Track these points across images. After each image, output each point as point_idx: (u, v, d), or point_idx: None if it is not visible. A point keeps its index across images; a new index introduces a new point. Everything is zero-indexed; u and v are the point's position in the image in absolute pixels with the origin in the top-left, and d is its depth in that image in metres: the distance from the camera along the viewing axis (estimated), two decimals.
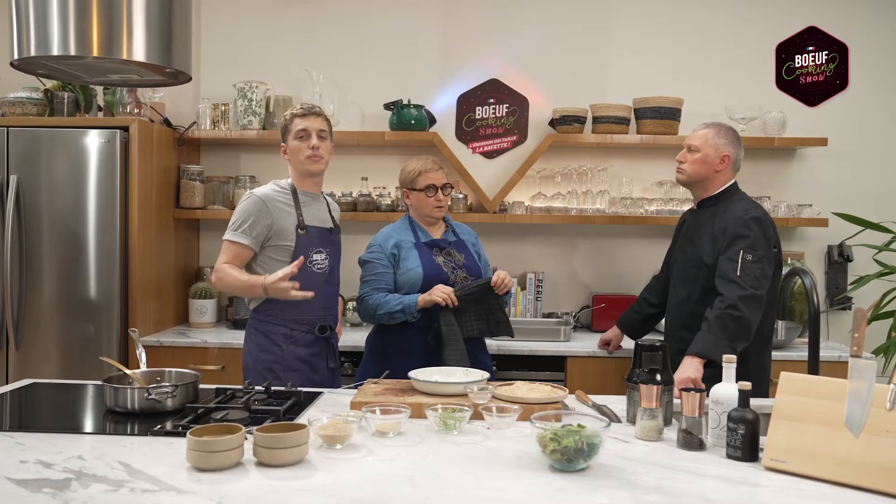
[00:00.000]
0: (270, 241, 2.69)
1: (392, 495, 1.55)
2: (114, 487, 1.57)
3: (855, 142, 4.08)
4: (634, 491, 1.60)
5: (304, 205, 2.77)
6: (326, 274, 2.77)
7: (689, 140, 2.87)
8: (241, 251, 2.69)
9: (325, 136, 2.77)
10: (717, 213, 2.80)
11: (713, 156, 2.81)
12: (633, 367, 2.16)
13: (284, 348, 2.71)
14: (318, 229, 2.77)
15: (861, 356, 1.74)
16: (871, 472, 1.62)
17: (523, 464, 1.77)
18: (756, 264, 2.63)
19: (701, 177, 2.83)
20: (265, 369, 2.69)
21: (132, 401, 2.15)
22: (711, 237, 2.77)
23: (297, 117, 2.74)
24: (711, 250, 2.75)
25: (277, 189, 2.76)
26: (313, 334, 2.74)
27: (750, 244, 2.65)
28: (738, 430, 1.82)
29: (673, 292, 2.93)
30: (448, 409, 2.06)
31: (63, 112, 3.65)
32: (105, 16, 2.04)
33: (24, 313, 3.49)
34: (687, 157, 2.84)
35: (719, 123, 2.89)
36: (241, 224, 2.68)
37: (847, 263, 4.09)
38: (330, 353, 2.80)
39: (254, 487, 1.59)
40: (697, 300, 2.77)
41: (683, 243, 2.93)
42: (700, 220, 2.87)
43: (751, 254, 2.63)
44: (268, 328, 2.72)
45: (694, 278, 2.81)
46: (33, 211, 3.48)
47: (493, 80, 4.14)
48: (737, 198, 2.83)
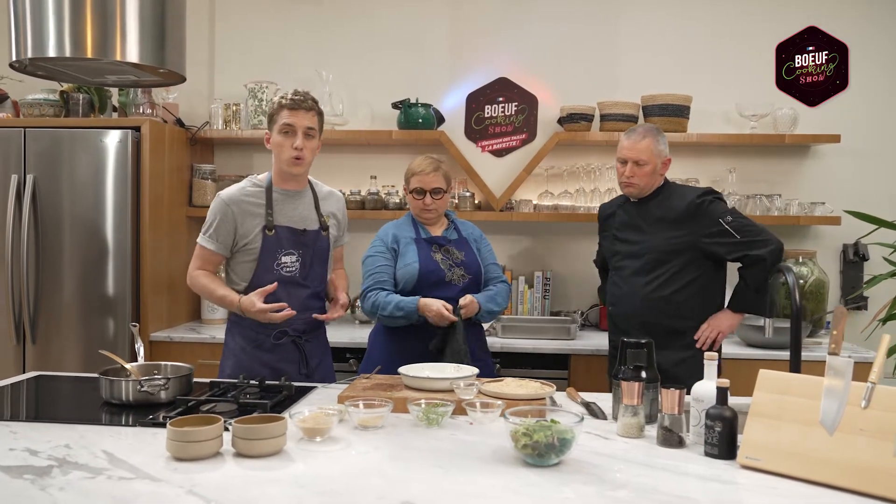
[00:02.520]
0: (237, 244, 2.60)
1: (359, 487, 1.58)
2: (92, 475, 1.62)
3: (869, 139, 4.01)
4: (603, 486, 1.61)
5: (277, 203, 2.62)
6: (297, 277, 2.63)
7: (629, 154, 2.91)
8: (211, 256, 2.62)
9: (313, 135, 2.59)
10: (662, 201, 2.95)
11: (658, 164, 2.93)
12: (618, 364, 2.16)
13: (249, 353, 2.63)
14: (288, 230, 2.61)
15: (839, 354, 1.72)
16: (845, 470, 1.61)
17: (498, 459, 1.78)
18: (739, 220, 2.86)
19: (651, 185, 2.96)
20: (230, 374, 2.62)
21: (126, 392, 2.21)
22: (663, 224, 2.91)
23: (284, 108, 2.54)
24: (665, 236, 2.90)
25: (250, 187, 2.64)
26: (282, 340, 2.63)
27: (721, 212, 2.87)
28: (714, 428, 1.81)
29: (623, 283, 3.00)
30: (431, 403, 2.07)
31: (78, 113, 3.75)
32: (99, 18, 2.11)
33: (40, 308, 3.59)
34: (636, 172, 2.91)
35: (649, 128, 2.97)
36: (207, 228, 2.61)
37: (863, 262, 4.02)
38: (302, 359, 2.67)
39: (227, 477, 1.63)
40: (658, 286, 2.90)
41: (625, 234, 3.02)
42: (642, 210, 2.99)
43: (729, 216, 2.86)
44: (236, 331, 2.68)
45: (650, 265, 2.92)
46: (49, 209, 3.58)
47: (502, 79, 4.15)
48: (675, 186, 3.03)
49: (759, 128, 3.90)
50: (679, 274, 2.89)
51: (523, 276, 4.09)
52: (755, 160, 4.06)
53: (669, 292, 2.89)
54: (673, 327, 2.89)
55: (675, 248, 2.89)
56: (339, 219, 2.82)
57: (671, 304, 2.89)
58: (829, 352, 1.73)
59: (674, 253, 2.89)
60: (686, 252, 2.88)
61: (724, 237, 2.84)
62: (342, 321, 4.08)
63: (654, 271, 2.92)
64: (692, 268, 2.89)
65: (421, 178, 2.88)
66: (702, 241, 2.87)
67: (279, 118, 2.57)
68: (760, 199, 3.89)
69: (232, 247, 2.62)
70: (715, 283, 2.97)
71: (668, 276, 2.89)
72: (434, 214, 2.92)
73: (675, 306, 2.89)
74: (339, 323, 4.04)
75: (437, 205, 2.90)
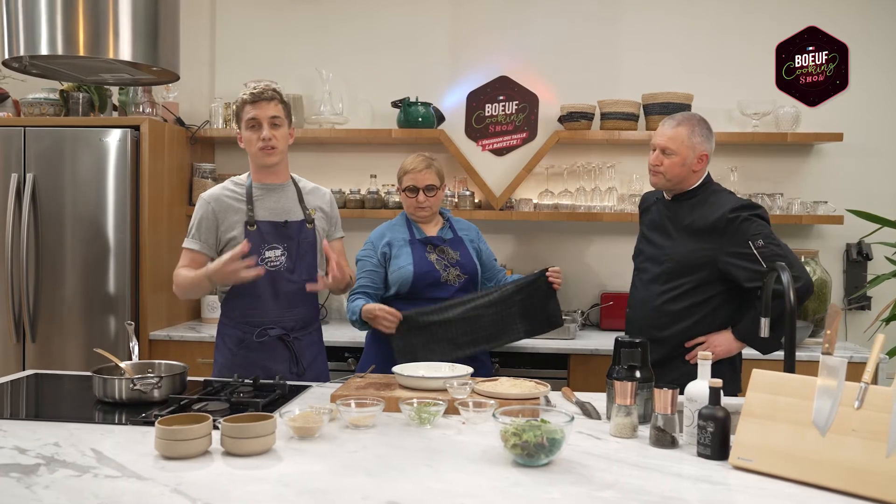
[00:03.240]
0: (221, 242, 2.60)
1: (344, 486, 1.57)
2: (79, 473, 1.61)
3: (872, 137, 3.97)
4: (590, 487, 1.59)
5: (257, 199, 2.62)
6: (283, 271, 2.60)
7: (659, 141, 2.64)
8: (196, 256, 2.61)
9: (280, 123, 2.56)
10: (695, 206, 2.65)
11: (691, 157, 2.62)
12: (612, 364, 2.14)
13: (235, 352, 2.62)
14: (270, 224, 2.60)
15: (832, 353, 1.70)
16: (836, 471, 1.59)
17: (488, 458, 1.77)
18: (772, 246, 2.49)
19: (680, 179, 2.65)
20: (219, 374, 2.62)
21: (119, 391, 2.21)
22: (690, 233, 2.63)
23: (246, 104, 2.54)
24: (689, 247, 2.62)
25: (232, 185, 2.65)
26: (264, 338, 2.60)
27: (754, 233, 2.52)
28: (707, 428, 1.79)
29: (642, 287, 2.76)
30: (423, 403, 2.06)
31: (78, 112, 3.76)
32: (92, 16, 2.10)
33: (40, 307, 3.60)
34: (663, 160, 2.63)
35: (690, 116, 2.69)
36: (190, 229, 2.63)
37: (866, 262, 3.99)
38: (292, 358, 2.63)
39: (213, 475, 1.62)
40: (671, 298, 2.64)
41: (652, 234, 2.78)
42: (674, 212, 2.71)
43: (761, 239, 2.50)
44: (224, 330, 2.67)
45: (667, 274, 2.66)
46: (49, 208, 3.59)
47: (502, 78, 4.13)
48: (715, 189, 2.70)
49: (761, 126, 3.87)
50: (697, 290, 2.61)
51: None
52: (757, 159, 4.03)
53: (683, 306, 2.62)
54: (682, 343, 2.64)
55: (696, 262, 2.60)
56: (327, 212, 2.77)
57: (683, 318, 2.63)
58: (823, 351, 1.71)
59: (694, 266, 2.60)
60: (706, 267, 2.59)
61: (746, 261, 2.50)
62: (342, 320, 4.08)
63: (672, 282, 2.64)
64: (713, 286, 2.61)
65: (413, 176, 2.85)
66: (723, 258, 2.56)
67: (244, 115, 2.57)
68: (762, 198, 3.86)
69: (216, 245, 2.62)
70: (734, 307, 2.64)
71: (686, 290, 2.61)
72: (427, 213, 2.89)
73: (687, 321, 2.62)
74: (339, 322, 4.04)
75: (431, 202, 2.87)
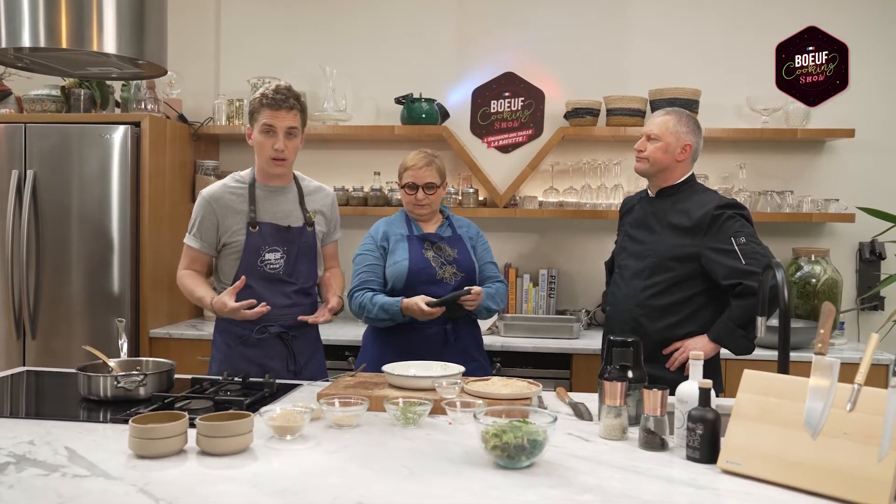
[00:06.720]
0: (221, 241, 2.59)
1: (315, 486, 1.53)
2: (47, 472, 1.59)
3: (885, 133, 3.87)
4: (570, 490, 1.54)
5: (260, 199, 2.60)
6: (281, 274, 2.60)
7: (647, 128, 2.72)
8: (197, 255, 2.62)
9: (295, 134, 2.55)
10: (677, 202, 2.67)
11: (675, 145, 2.66)
12: (604, 364, 2.09)
13: (233, 348, 2.61)
14: (272, 226, 2.58)
15: (825, 353, 1.63)
16: (825, 476, 1.52)
17: (469, 460, 1.72)
18: (753, 245, 2.53)
19: (662, 166, 2.67)
20: (216, 370, 2.60)
21: (104, 389, 2.18)
22: (673, 229, 2.63)
23: (265, 107, 2.50)
24: (673, 242, 2.63)
25: (233, 183, 2.63)
26: (264, 335, 2.60)
27: (737, 230, 2.55)
28: (696, 430, 1.73)
29: (623, 284, 2.75)
30: (408, 402, 2.02)
31: (79, 108, 3.75)
32: (75, 7, 2.08)
33: (40, 304, 3.60)
34: (647, 146, 2.68)
35: (679, 110, 2.74)
36: (191, 226, 2.61)
37: (879, 261, 3.89)
38: (290, 356, 2.63)
39: (184, 475, 1.59)
40: (655, 294, 2.63)
41: (636, 231, 2.77)
42: (658, 208, 2.72)
43: (744, 237, 2.53)
44: (223, 327, 2.65)
45: (651, 269, 2.65)
46: (50, 205, 3.58)
47: (508, 74, 4.07)
48: (699, 188, 2.74)
49: (771, 122, 3.78)
50: (680, 285, 2.62)
51: (528, 274, 4.01)
52: (767, 155, 3.94)
53: (667, 302, 2.63)
54: (666, 339, 2.63)
55: (679, 256, 2.61)
56: (328, 215, 2.77)
57: (667, 314, 2.63)
58: (816, 351, 1.64)
59: (677, 261, 2.61)
60: (689, 263, 2.60)
61: (726, 258, 2.52)
62: (342, 319, 4.04)
63: (654, 276, 2.65)
64: (696, 282, 2.62)
65: (414, 173, 2.80)
66: (705, 253, 2.57)
67: (260, 116, 2.53)
68: (772, 195, 3.77)
69: (217, 245, 2.61)
70: (718, 305, 2.63)
71: (669, 285, 2.62)
72: (427, 210, 2.84)
73: (671, 317, 2.63)
74: (339, 321, 4.00)
75: (430, 200, 2.82)
